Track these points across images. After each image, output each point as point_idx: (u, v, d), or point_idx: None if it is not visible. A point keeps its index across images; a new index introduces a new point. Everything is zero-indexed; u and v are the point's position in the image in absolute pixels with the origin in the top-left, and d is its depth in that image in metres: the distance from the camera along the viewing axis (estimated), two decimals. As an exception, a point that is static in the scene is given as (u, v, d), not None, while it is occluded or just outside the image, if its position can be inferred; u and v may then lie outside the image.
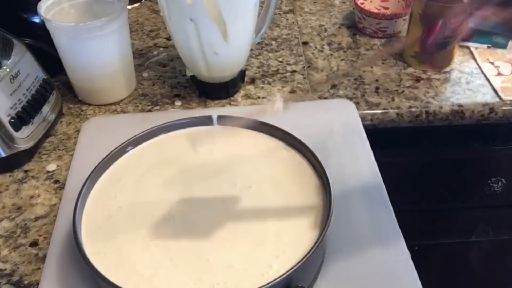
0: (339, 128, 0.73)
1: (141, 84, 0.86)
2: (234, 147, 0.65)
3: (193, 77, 0.82)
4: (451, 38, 0.82)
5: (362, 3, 0.96)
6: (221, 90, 0.82)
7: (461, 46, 0.89)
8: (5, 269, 0.59)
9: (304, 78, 0.85)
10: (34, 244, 0.62)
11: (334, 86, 0.83)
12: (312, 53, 0.91)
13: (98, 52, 0.77)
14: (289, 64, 0.88)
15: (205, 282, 0.51)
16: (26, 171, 0.71)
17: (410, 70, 0.86)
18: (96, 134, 0.75)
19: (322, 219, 0.55)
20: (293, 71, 0.87)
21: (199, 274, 0.51)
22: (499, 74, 0.84)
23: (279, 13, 1.02)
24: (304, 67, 0.88)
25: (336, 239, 0.58)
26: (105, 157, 0.62)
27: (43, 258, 0.59)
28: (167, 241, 0.55)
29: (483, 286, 1.11)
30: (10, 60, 0.69)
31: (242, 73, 0.83)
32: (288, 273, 0.48)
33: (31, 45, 0.75)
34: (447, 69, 0.86)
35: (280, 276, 0.48)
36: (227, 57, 0.77)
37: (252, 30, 0.78)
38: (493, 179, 0.92)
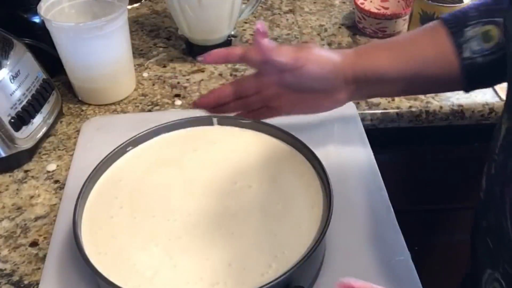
0: (339, 128, 0.73)
1: (141, 84, 0.86)
2: (234, 147, 0.65)
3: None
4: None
5: (362, 3, 0.96)
6: (204, 52, 0.87)
7: (461, 46, 0.88)
8: (5, 269, 0.59)
9: (304, 78, 0.85)
10: (34, 244, 0.62)
11: (334, 86, 0.83)
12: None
13: (98, 52, 0.77)
14: (289, 64, 0.88)
15: (205, 281, 0.51)
16: (26, 171, 0.71)
17: (410, 70, 0.86)
18: (96, 134, 0.75)
19: (322, 219, 0.55)
20: (293, 71, 0.87)
21: (199, 273, 0.51)
22: (499, 74, 0.84)
23: (279, 13, 1.02)
24: (304, 67, 0.88)
25: (336, 239, 0.58)
26: (105, 157, 0.62)
27: (43, 258, 0.59)
28: (167, 241, 0.55)
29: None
30: (10, 60, 0.69)
31: (228, 42, 0.90)
32: (288, 273, 0.48)
33: (31, 45, 0.75)
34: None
35: (280, 276, 0.48)
36: (205, 22, 0.84)
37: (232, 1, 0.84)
38: (493, 179, 0.92)
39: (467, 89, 0.63)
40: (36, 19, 0.81)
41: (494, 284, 0.52)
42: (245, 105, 0.65)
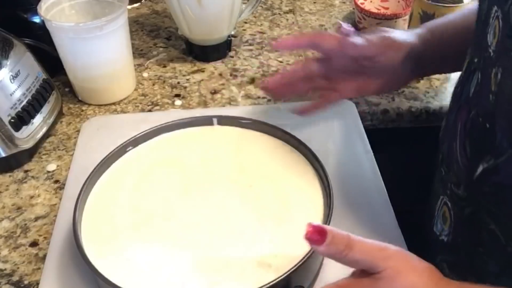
0: (339, 128, 0.73)
1: (141, 84, 0.86)
2: (234, 147, 0.65)
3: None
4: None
5: (362, 3, 0.96)
6: (205, 52, 0.89)
7: (461, 46, 0.89)
8: (5, 269, 0.59)
9: (304, 78, 0.85)
10: (34, 244, 0.62)
11: (334, 86, 0.83)
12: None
13: (98, 52, 0.77)
14: (289, 64, 0.88)
15: (205, 281, 0.51)
16: (26, 171, 0.71)
17: (410, 70, 0.86)
18: (96, 134, 0.75)
19: (322, 219, 0.55)
20: (293, 71, 0.87)
21: (199, 273, 0.51)
22: (499, 74, 0.84)
23: (279, 13, 1.02)
24: (304, 67, 0.88)
25: (336, 239, 0.58)
26: (105, 157, 0.62)
27: (43, 258, 0.60)
28: (167, 241, 0.55)
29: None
30: (10, 60, 0.69)
31: (228, 43, 0.90)
32: (288, 273, 0.48)
33: (31, 45, 0.75)
34: (447, 69, 0.86)
35: (280, 276, 0.48)
36: (204, 22, 0.84)
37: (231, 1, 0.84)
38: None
39: None
40: (36, 19, 0.81)
41: (443, 208, 0.55)
42: (313, 87, 0.66)
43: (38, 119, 0.73)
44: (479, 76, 0.48)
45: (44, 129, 0.74)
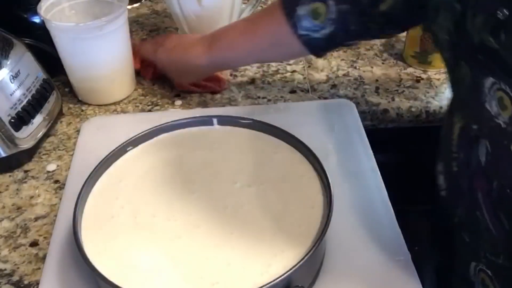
0: (339, 128, 0.73)
1: (141, 84, 0.86)
2: (234, 147, 0.65)
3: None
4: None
5: (362, 3, 0.95)
6: None
7: (461, 46, 0.89)
8: (5, 269, 0.59)
9: (304, 78, 0.85)
10: (34, 244, 0.62)
11: (334, 86, 0.83)
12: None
13: (98, 52, 0.77)
14: (289, 64, 0.88)
15: (205, 281, 0.51)
16: (26, 171, 0.71)
17: (410, 70, 0.86)
18: (96, 134, 0.75)
19: (322, 219, 0.55)
20: (293, 71, 0.87)
21: (199, 273, 0.51)
22: (499, 74, 0.84)
23: (279, 13, 1.02)
24: (304, 67, 0.88)
25: (336, 239, 0.58)
26: (105, 157, 0.62)
27: (43, 258, 0.59)
28: (168, 241, 0.55)
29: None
30: (10, 60, 0.69)
31: None
32: (288, 273, 0.48)
33: (31, 45, 0.75)
34: (447, 69, 0.86)
35: (280, 276, 0.48)
36: (204, 22, 0.84)
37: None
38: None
39: (317, 56, 0.73)
40: (36, 19, 0.81)
41: (481, 275, 0.53)
42: None
43: (38, 119, 0.73)
44: (487, 145, 0.46)
45: (44, 129, 0.74)
